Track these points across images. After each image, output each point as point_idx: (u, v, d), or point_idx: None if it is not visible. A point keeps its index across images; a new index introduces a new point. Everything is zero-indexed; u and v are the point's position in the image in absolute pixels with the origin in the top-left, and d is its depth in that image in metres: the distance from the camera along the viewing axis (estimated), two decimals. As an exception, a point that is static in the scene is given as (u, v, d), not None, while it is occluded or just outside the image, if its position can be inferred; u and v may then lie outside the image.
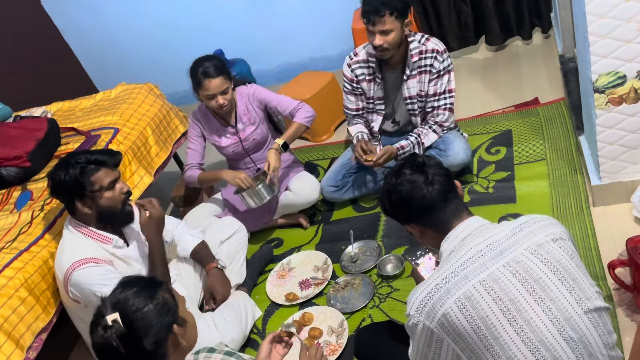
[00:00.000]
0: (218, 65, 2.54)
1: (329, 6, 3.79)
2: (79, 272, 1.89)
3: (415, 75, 2.54)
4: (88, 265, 1.90)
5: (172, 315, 1.35)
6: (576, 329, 1.22)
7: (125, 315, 1.28)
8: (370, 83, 2.63)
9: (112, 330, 1.26)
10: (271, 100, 2.73)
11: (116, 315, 1.27)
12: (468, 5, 3.58)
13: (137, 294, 1.32)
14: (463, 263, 1.28)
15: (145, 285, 1.37)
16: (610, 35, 1.91)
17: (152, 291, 1.34)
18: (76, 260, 1.90)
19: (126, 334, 1.26)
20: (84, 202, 1.94)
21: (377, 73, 2.59)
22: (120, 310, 1.28)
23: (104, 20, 4.13)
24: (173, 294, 1.41)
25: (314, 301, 2.38)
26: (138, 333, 1.28)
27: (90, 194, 1.93)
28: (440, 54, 2.49)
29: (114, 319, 1.26)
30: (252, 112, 2.74)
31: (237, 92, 2.74)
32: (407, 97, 2.60)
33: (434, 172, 1.41)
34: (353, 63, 2.64)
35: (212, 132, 2.77)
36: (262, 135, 2.78)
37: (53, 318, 2.05)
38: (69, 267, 1.89)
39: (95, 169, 1.94)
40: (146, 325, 1.29)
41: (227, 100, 2.57)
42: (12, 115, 2.98)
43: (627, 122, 2.08)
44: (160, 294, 1.35)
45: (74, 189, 1.92)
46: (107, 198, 1.97)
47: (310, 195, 2.75)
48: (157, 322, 1.31)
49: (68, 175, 1.90)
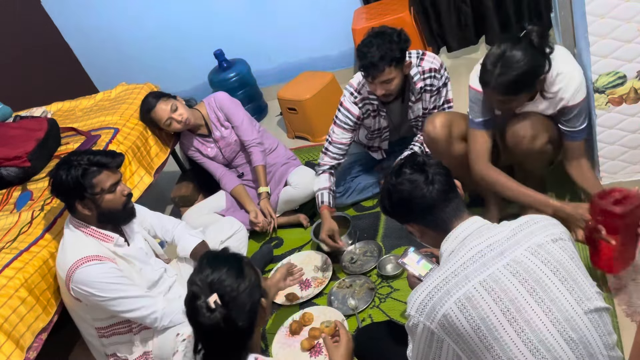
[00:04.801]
0: (154, 95, 2.78)
1: (329, 6, 3.78)
2: (81, 270, 1.88)
3: (418, 99, 2.49)
4: (91, 263, 1.90)
5: (259, 290, 1.39)
6: (576, 329, 1.22)
7: (222, 296, 1.31)
8: (375, 118, 2.57)
9: (216, 311, 1.29)
10: (234, 121, 2.85)
11: (216, 296, 1.30)
12: (468, 5, 3.58)
13: (229, 274, 1.35)
14: (463, 263, 1.28)
15: (232, 263, 1.39)
16: (610, 35, 1.91)
17: (240, 269, 1.37)
18: (79, 258, 1.89)
19: (227, 314, 1.30)
20: (84, 204, 1.94)
21: (382, 107, 2.52)
22: (217, 291, 1.31)
23: (104, 20, 4.13)
24: (254, 266, 1.44)
25: (314, 301, 2.38)
26: (234, 313, 1.31)
27: (91, 196, 1.93)
28: (438, 72, 2.42)
29: (215, 300, 1.30)
30: (221, 118, 2.86)
31: (205, 102, 2.89)
32: (411, 118, 2.57)
33: (434, 171, 1.41)
34: (359, 101, 2.49)
35: (196, 148, 2.91)
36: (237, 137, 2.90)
37: (53, 318, 2.04)
38: (72, 265, 1.89)
39: (97, 171, 1.92)
40: (242, 304, 1.33)
41: (183, 115, 2.72)
42: (12, 115, 2.98)
43: (627, 122, 2.08)
44: (247, 270, 1.39)
45: (75, 190, 1.90)
46: (107, 200, 1.96)
47: (309, 187, 2.77)
48: (250, 300, 1.35)
49: (69, 176, 1.89)
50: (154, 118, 2.74)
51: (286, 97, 3.52)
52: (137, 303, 1.97)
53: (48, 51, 4.14)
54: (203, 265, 1.38)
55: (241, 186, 2.88)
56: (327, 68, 3.82)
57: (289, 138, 3.68)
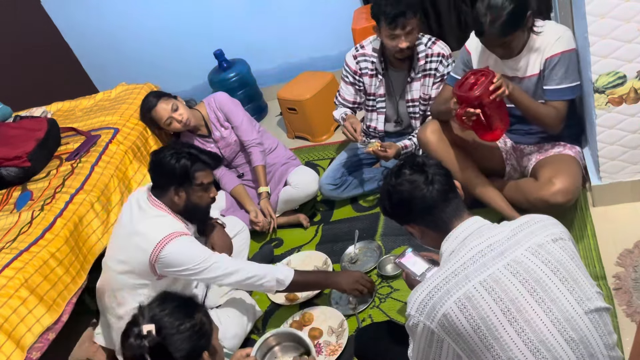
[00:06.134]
0: (155, 94, 2.77)
1: (329, 6, 3.78)
2: (174, 242, 1.92)
3: (419, 77, 2.54)
4: (183, 238, 1.95)
5: (206, 340, 1.35)
6: (577, 329, 1.22)
7: (160, 329, 1.28)
8: (372, 78, 2.63)
9: (146, 339, 1.25)
10: (234, 121, 2.85)
11: (152, 326, 1.27)
12: (468, 5, 3.57)
13: (176, 310, 1.32)
14: (463, 263, 1.28)
15: (185, 303, 1.36)
16: (610, 36, 1.91)
17: (190, 311, 1.34)
18: (169, 232, 1.94)
19: (158, 347, 1.26)
20: (178, 191, 2.00)
21: (380, 70, 2.59)
22: (157, 323, 1.28)
23: (104, 20, 4.12)
24: (211, 320, 1.40)
25: (314, 301, 2.38)
26: (170, 350, 1.27)
27: (190, 187, 2.00)
28: (446, 59, 2.50)
29: (150, 330, 1.27)
30: (221, 118, 2.86)
31: (205, 103, 2.89)
32: (409, 99, 2.60)
33: (434, 171, 1.41)
34: (359, 55, 2.63)
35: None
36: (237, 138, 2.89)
37: (62, 317, 2.04)
38: (163, 239, 1.92)
39: (203, 166, 2.02)
40: (178, 344, 1.29)
41: (183, 115, 2.72)
42: (12, 115, 2.98)
43: (627, 122, 2.08)
44: (198, 316, 1.35)
45: (180, 176, 1.98)
46: (199, 196, 2.04)
47: (309, 187, 2.77)
48: (190, 343, 1.30)
49: (179, 163, 1.97)
50: (154, 117, 2.74)
51: (286, 97, 3.51)
52: (234, 266, 2.02)
53: (48, 51, 4.14)
54: (157, 298, 1.37)
55: (241, 186, 2.88)
56: (327, 68, 3.82)
57: (289, 138, 3.68)
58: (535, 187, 2.11)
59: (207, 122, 2.86)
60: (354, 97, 2.71)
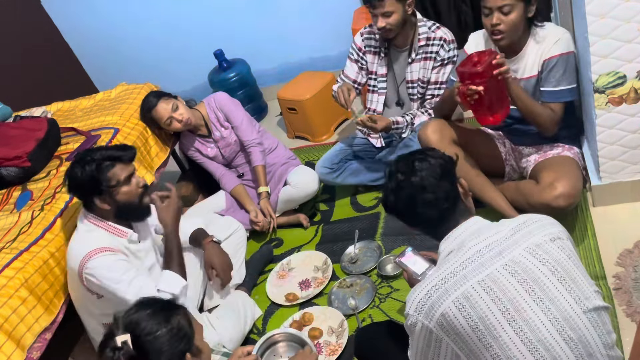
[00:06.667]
0: (156, 94, 2.77)
1: (329, 6, 3.78)
2: (95, 260, 1.90)
3: (420, 59, 2.56)
4: (105, 254, 1.92)
5: (187, 343, 1.31)
6: (575, 328, 1.22)
7: (136, 337, 1.25)
8: (375, 56, 2.67)
9: (121, 352, 1.23)
10: (233, 121, 2.85)
11: (127, 337, 1.24)
12: (468, 5, 3.58)
13: (151, 317, 1.29)
14: (462, 263, 1.28)
15: (161, 308, 1.33)
16: (610, 36, 1.91)
17: (167, 315, 1.31)
18: (93, 248, 1.91)
19: (135, 358, 1.23)
20: (102, 198, 1.96)
21: (383, 48, 2.62)
22: (132, 332, 1.25)
23: (105, 20, 4.12)
24: (190, 321, 1.37)
25: (314, 301, 2.38)
26: (149, 357, 1.24)
27: (108, 190, 1.95)
28: (447, 43, 2.51)
29: (124, 341, 1.23)
30: (221, 118, 2.86)
31: (205, 103, 2.89)
32: (408, 80, 2.62)
33: (438, 172, 1.40)
34: (366, 33, 2.68)
35: (196, 148, 2.91)
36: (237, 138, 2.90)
37: (57, 318, 2.04)
38: (86, 255, 1.90)
39: (111, 164, 1.96)
40: (157, 350, 1.26)
41: (183, 115, 2.72)
42: (12, 115, 2.98)
43: (627, 122, 2.08)
44: (176, 319, 1.32)
45: (91, 185, 1.94)
46: (124, 193, 1.99)
47: (309, 186, 2.77)
48: (169, 348, 1.27)
49: (84, 172, 1.93)
50: (154, 117, 2.75)
51: (286, 97, 3.52)
52: (146, 281, 1.98)
53: (48, 51, 4.14)
54: (133, 305, 1.34)
55: (241, 186, 2.88)
56: (327, 68, 3.81)
57: (289, 138, 3.68)
58: (537, 191, 2.11)
59: (207, 122, 2.86)
60: (356, 75, 2.73)
